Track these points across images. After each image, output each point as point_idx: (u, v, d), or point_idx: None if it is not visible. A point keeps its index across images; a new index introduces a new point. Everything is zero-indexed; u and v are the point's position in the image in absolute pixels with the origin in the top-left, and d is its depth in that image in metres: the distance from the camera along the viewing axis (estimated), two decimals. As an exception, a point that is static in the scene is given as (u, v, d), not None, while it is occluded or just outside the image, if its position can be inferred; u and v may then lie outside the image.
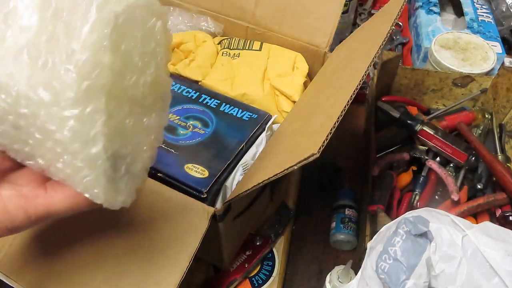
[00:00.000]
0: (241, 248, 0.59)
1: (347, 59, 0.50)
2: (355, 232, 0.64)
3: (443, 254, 0.39)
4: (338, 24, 0.61)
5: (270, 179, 0.35)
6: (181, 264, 0.39)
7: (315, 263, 0.64)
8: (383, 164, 0.64)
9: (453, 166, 0.64)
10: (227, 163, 0.48)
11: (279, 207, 0.64)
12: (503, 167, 0.60)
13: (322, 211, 0.68)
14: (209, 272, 0.59)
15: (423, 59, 0.82)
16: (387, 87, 0.74)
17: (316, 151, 0.31)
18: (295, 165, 0.33)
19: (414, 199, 0.62)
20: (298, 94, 0.59)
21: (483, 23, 0.86)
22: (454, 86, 0.73)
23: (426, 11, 0.89)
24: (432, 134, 0.63)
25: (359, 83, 0.37)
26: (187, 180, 0.46)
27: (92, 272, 0.39)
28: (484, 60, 0.75)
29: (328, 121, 0.34)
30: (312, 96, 0.50)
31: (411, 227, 0.40)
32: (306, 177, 0.71)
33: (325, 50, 0.62)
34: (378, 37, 0.43)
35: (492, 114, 0.71)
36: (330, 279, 0.51)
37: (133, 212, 0.42)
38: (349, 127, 0.81)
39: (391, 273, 0.38)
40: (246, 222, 0.57)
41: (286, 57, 0.63)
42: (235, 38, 0.66)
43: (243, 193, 0.39)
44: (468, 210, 0.58)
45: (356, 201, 0.67)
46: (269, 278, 0.58)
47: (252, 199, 0.55)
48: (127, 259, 0.39)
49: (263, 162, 0.43)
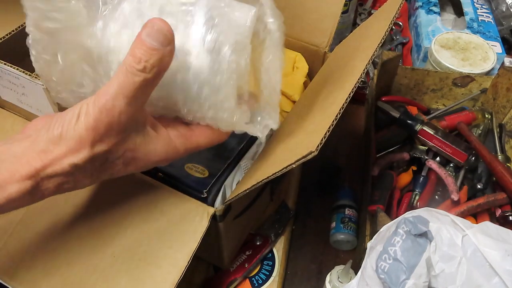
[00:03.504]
0: (241, 248, 0.59)
1: (346, 58, 0.50)
2: (355, 232, 0.63)
3: (443, 254, 0.39)
4: (338, 24, 0.61)
5: (270, 178, 0.35)
6: (180, 264, 0.39)
7: (315, 263, 0.64)
8: (383, 164, 0.64)
9: (453, 166, 0.64)
10: (227, 163, 0.48)
11: (279, 207, 0.64)
12: (503, 167, 0.60)
13: (322, 211, 0.68)
14: (209, 272, 0.59)
15: (423, 59, 0.82)
16: (387, 87, 0.74)
17: (315, 149, 0.31)
18: (293, 163, 0.33)
19: (414, 199, 0.62)
20: (298, 94, 0.59)
21: (483, 23, 0.86)
22: (454, 86, 0.73)
23: (426, 11, 0.89)
24: (432, 134, 0.63)
25: (358, 81, 0.37)
26: (187, 179, 0.46)
27: (88, 271, 0.39)
28: (484, 60, 0.75)
29: (327, 119, 0.34)
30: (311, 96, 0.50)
31: (411, 227, 0.40)
32: (306, 177, 0.71)
33: (325, 50, 0.62)
34: (377, 35, 0.43)
35: (492, 114, 0.71)
36: (330, 279, 0.51)
37: (132, 210, 0.42)
38: (349, 127, 0.81)
39: (391, 273, 0.38)
40: (246, 222, 0.57)
41: (286, 56, 0.63)
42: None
43: (243, 192, 0.39)
44: (468, 210, 0.58)
45: (356, 201, 0.67)
46: (269, 278, 0.58)
47: (252, 199, 0.55)
48: (125, 257, 0.39)
49: (263, 162, 0.43)
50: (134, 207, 0.42)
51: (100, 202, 0.43)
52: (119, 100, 0.30)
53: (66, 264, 0.39)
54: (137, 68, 0.30)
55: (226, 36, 0.33)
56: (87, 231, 0.41)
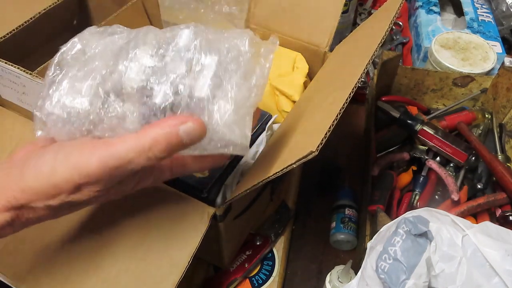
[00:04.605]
0: (241, 248, 0.59)
1: (346, 58, 0.50)
2: (355, 232, 0.63)
3: (443, 254, 0.39)
4: (338, 24, 0.61)
5: (270, 178, 0.35)
6: (180, 264, 0.39)
7: (315, 263, 0.64)
8: (383, 164, 0.64)
9: (453, 166, 0.64)
10: (228, 163, 0.48)
11: (279, 207, 0.64)
12: (503, 167, 0.60)
13: (322, 211, 0.68)
14: (209, 272, 0.59)
15: (423, 59, 0.82)
16: (387, 87, 0.74)
17: (315, 149, 0.31)
18: (294, 163, 0.33)
19: (414, 199, 0.62)
20: (298, 94, 0.59)
21: (483, 22, 0.86)
22: (454, 86, 0.73)
23: (426, 11, 0.89)
24: (432, 134, 0.63)
25: (358, 81, 0.37)
26: (188, 179, 0.46)
27: (89, 271, 0.39)
28: (484, 60, 0.75)
29: (327, 119, 0.34)
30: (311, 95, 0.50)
31: (411, 227, 0.40)
32: (306, 177, 0.71)
33: (325, 49, 0.62)
34: (377, 35, 0.43)
35: (492, 114, 0.71)
36: (330, 279, 0.51)
37: (132, 210, 0.42)
38: (349, 127, 0.81)
39: (391, 273, 0.38)
40: (246, 222, 0.57)
41: (286, 56, 0.63)
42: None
43: (243, 192, 0.39)
44: (468, 210, 0.58)
45: (356, 201, 0.67)
46: (269, 278, 0.58)
47: (252, 199, 0.55)
48: (125, 257, 0.39)
49: (263, 162, 0.43)
50: (135, 207, 0.42)
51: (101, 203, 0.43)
52: (117, 172, 0.29)
53: (68, 264, 0.39)
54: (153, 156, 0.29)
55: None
56: (87, 231, 0.41)
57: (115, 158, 0.28)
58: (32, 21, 0.56)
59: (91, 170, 0.28)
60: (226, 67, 0.32)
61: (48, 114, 0.32)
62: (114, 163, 0.28)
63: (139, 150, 0.28)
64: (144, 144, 0.28)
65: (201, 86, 0.31)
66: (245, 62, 0.33)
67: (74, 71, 0.32)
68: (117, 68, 0.31)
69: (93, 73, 0.32)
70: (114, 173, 0.29)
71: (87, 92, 0.31)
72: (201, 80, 0.31)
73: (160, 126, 0.29)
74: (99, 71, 0.32)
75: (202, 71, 0.31)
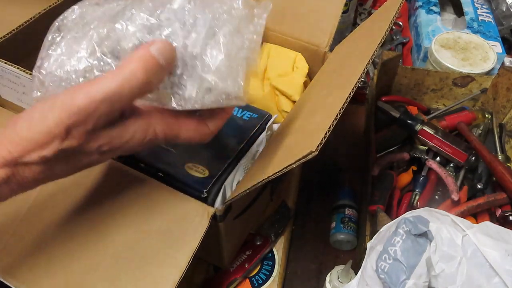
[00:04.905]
0: (241, 248, 0.59)
1: (345, 58, 0.50)
2: (355, 232, 0.63)
3: (443, 254, 0.39)
4: (338, 24, 0.61)
5: (270, 178, 0.35)
6: (180, 264, 0.38)
7: (315, 263, 0.64)
8: (383, 164, 0.64)
9: (453, 166, 0.64)
10: (228, 163, 0.48)
11: (279, 207, 0.64)
12: (503, 167, 0.60)
13: (322, 211, 0.68)
14: (209, 272, 0.59)
15: (423, 59, 0.82)
16: (387, 87, 0.74)
17: (315, 149, 0.31)
18: (293, 163, 0.33)
19: (414, 199, 0.62)
20: (298, 94, 0.59)
21: (483, 22, 0.86)
22: (454, 86, 0.73)
23: (426, 11, 0.89)
24: (432, 134, 0.63)
25: (358, 81, 0.37)
26: (187, 179, 0.46)
27: (89, 270, 0.39)
28: (484, 59, 0.75)
29: (327, 119, 0.34)
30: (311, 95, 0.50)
31: (411, 227, 0.40)
32: (306, 177, 0.71)
33: (325, 49, 0.62)
34: (377, 35, 0.43)
35: (492, 114, 0.71)
36: (330, 279, 0.51)
37: (133, 210, 0.42)
38: (349, 127, 0.81)
39: (391, 273, 0.38)
40: (246, 222, 0.57)
41: (286, 56, 0.63)
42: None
43: (243, 192, 0.39)
44: (468, 210, 0.58)
45: (356, 201, 0.67)
46: (269, 278, 0.58)
47: (252, 199, 0.55)
48: (125, 257, 0.39)
49: (263, 162, 0.43)
50: (135, 207, 0.42)
51: (101, 202, 0.43)
52: (103, 106, 0.30)
53: (68, 264, 0.39)
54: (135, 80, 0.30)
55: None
56: (88, 231, 0.41)
57: (100, 92, 0.30)
58: (32, 21, 0.56)
59: (78, 106, 0.30)
60: (219, 17, 0.34)
61: (47, 74, 0.33)
62: (99, 97, 0.30)
63: (121, 80, 0.30)
64: (125, 73, 0.30)
65: (195, 39, 0.33)
66: (238, 16, 0.34)
67: (73, 33, 0.34)
68: (114, 27, 0.33)
69: (90, 33, 0.33)
70: (101, 107, 0.30)
71: (85, 51, 0.33)
72: (195, 34, 0.33)
73: (134, 55, 0.31)
74: (96, 30, 0.33)
75: (196, 25, 0.33)
